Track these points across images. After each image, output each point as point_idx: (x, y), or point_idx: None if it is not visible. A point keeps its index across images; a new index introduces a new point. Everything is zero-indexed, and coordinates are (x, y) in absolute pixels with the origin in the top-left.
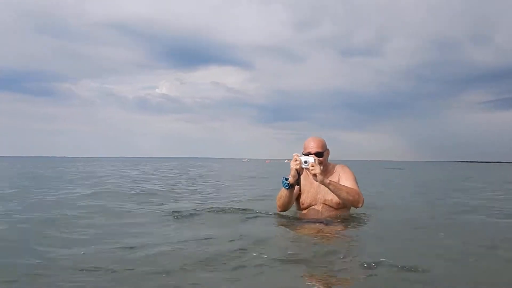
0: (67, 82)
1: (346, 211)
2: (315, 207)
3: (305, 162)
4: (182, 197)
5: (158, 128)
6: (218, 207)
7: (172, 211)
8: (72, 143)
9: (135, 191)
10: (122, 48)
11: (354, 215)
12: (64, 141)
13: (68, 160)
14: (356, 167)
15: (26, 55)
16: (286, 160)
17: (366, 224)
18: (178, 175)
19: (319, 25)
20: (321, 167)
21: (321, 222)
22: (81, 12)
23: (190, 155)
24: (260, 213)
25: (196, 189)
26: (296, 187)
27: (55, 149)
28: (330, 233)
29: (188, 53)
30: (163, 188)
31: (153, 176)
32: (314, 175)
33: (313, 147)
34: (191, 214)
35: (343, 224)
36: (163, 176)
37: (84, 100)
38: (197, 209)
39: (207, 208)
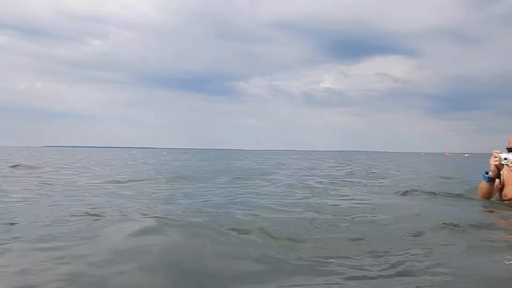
0: (241, 81)
1: None
2: None
3: (505, 159)
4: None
5: (323, 122)
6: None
7: None
8: (245, 136)
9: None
10: (288, 46)
11: None
12: (238, 135)
13: (244, 153)
14: None
15: (207, 59)
16: (466, 155)
17: None
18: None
19: (500, 0)
20: None
21: None
22: (253, 16)
23: (355, 149)
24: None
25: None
26: (497, 180)
27: (230, 142)
28: None
29: (351, 46)
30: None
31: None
32: None
33: None
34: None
35: None
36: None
37: (255, 97)
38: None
39: None
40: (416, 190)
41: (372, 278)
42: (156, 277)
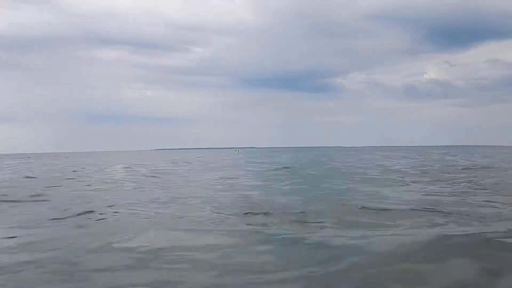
0: (338, 77)
1: None
2: None
3: None
4: None
5: (428, 115)
6: None
7: None
8: (344, 133)
9: None
10: (387, 38)
11: None
12: (337, 132)
13: (345, 150)
14: None
15: (305, 58)
16: None
17: None
18: None
19: None
20: None
21: None
22: (350, 9)
23: (465, 143)
24: None
25: None
26: None
27: (329, 140)
28: None
29: (456, 32)
30: None
31: None
32: None
33: None
34: None
35: None
36: None
37: (353, 92)
38: None
39: None
40: None
41: None
42: None
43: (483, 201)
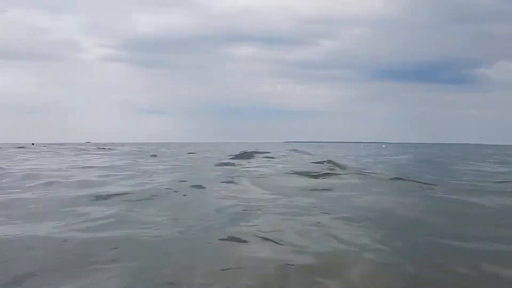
0: (481, 67)
1: None
2: None
3: None
4: None
5: None
6: None
7: None
8: (487, 129)
9: None
10: None
11: None
12: (477, 128)
13: (485, 148)
14: None
15: (441, 47)
16: None
17: None
18: None
19: None
20: None
21: None
22: None
23: None
24: None
25: None
26: None
27: (467, 136)
28: None
29: None
30: None
31: None
32: None
33: None
34: None
35: None
36: None
37: (501, 84)
38: None
39: None
40: None
41: None
42: None
43: None
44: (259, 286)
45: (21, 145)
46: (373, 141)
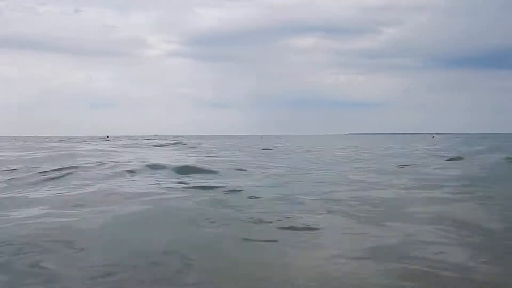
0: None
1: None
2: None
3: None
4: None
5: None
6: None
7: None
8: None
9: None
10: None
11: None
12: None
13: None
14: None
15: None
16: None
17: None
18: None
19: None
20: None
21: None
22: None
23: None
24: None
25: None
26: None
27: None
28: None
29: None
30: None
31: None
32: None
33: None
34: None
35: None
36: None
37: None
38: None
39: None
40: None
41: None
42: None
43: None
44: None
45: (99, 138)
46: (440, 132)
